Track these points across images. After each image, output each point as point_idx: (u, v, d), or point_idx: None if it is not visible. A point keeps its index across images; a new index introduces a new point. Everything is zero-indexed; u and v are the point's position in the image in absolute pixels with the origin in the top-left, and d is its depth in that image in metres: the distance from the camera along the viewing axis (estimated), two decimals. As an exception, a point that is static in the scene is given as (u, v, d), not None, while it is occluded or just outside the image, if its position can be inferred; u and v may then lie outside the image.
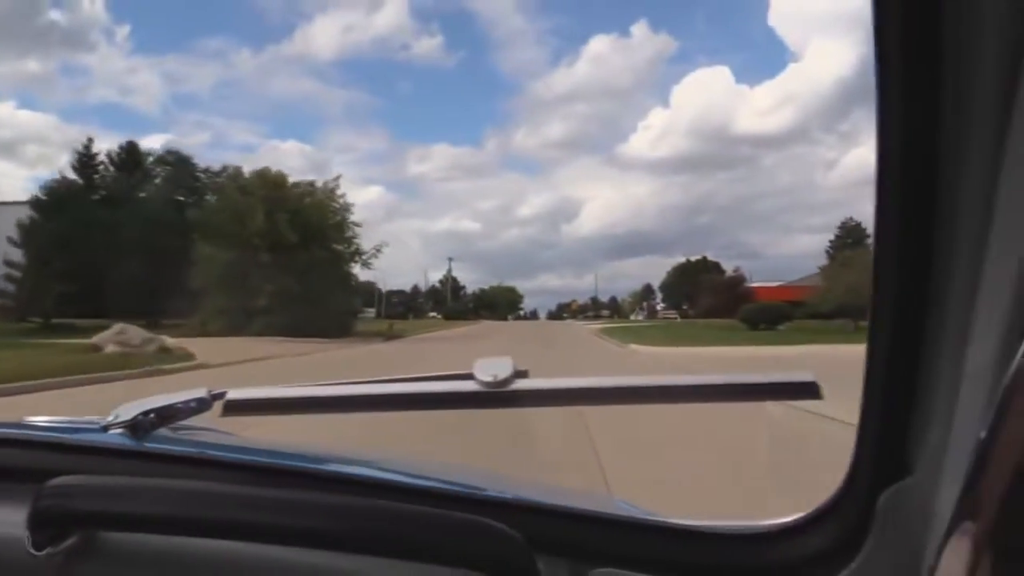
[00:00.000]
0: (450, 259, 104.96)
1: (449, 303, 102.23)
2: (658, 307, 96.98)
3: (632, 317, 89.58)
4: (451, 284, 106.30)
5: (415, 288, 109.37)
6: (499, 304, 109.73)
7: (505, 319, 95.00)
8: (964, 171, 0.63)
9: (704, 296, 74.97)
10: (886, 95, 0.66)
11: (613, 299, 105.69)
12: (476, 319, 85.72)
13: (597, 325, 58.65)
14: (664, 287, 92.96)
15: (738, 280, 75.66)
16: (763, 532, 0.87)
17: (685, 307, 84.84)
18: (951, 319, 0.67)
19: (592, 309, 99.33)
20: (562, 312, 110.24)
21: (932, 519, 0.69)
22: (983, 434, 0.51)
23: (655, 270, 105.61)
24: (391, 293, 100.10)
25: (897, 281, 0.72)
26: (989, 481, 0.51)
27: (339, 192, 38.89)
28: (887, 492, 0.76)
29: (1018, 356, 0.48)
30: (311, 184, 38.99)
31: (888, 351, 0.74)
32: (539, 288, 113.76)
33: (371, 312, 71.73)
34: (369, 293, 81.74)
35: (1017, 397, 0.48)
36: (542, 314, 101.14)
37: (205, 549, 0.78)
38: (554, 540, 0.85)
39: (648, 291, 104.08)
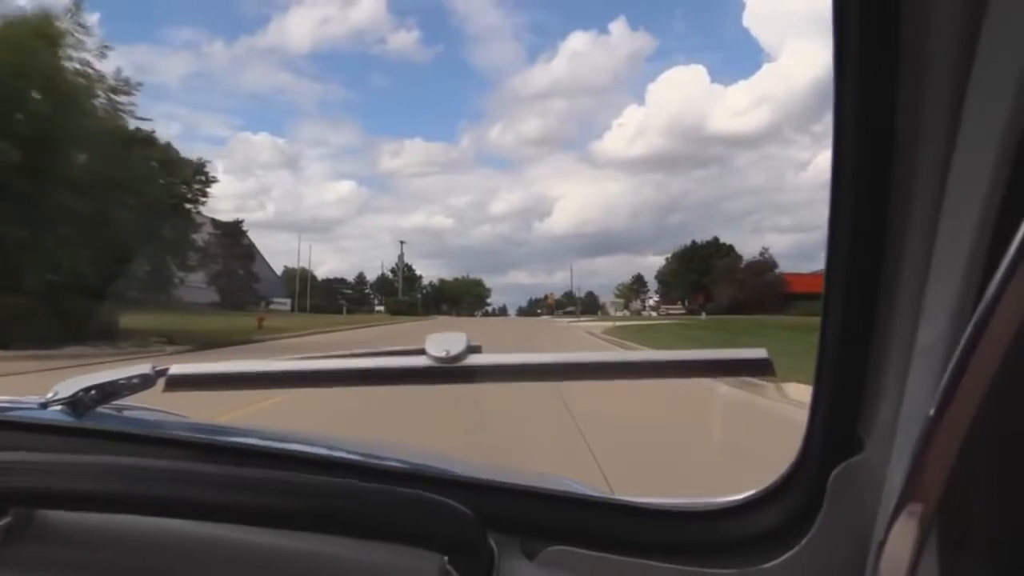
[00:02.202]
0: (401, 242, 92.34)
1: (400, 295, 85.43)
2: (649, 301, 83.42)
3: (615, 313, 77.32)
4: (403, 273, 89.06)
5: (360, 277, 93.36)
6: (463, 298, 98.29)
7: (472, 315, 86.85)
8: (916, 159, 0.65)
9: (723, 287, 58.30)
10: (842, 87, 0.68)
11: (591, 294, 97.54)
12: (427, 315, 71.35)
13: (591, 323, 42.79)
14: (661, 277, 76.59)
15: (765, 266, 59.01)
16: (717, 509, 0.88)
17: (685, 301, 69.53)
18: (902, 301, 0.69)
19: (569, 304, 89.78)
20: (535, 308, 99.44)
21: (882, 494, 0.71)
22: (931, 412, 0.52)
23: (627, 268, 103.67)
24: (330, 282, 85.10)
25: (850, 263, 0.74)
26: (936, 458, 0.52)
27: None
28: (839, 468, 0.78)
29: (965, 336, 0.49)
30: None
31: (840, 331, 0.76)
32: (510, 285, 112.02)
33: (284, 303, 54.77)
34: (288, 279, 65.86)
35: (964, 377, 0.49)
36: (512, 310, 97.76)
37: (147, 527, 0.77)
38: (507, 518, 0.85)
39: (640, 283, 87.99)
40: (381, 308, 79.35)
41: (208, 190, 26.87)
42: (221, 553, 0.77)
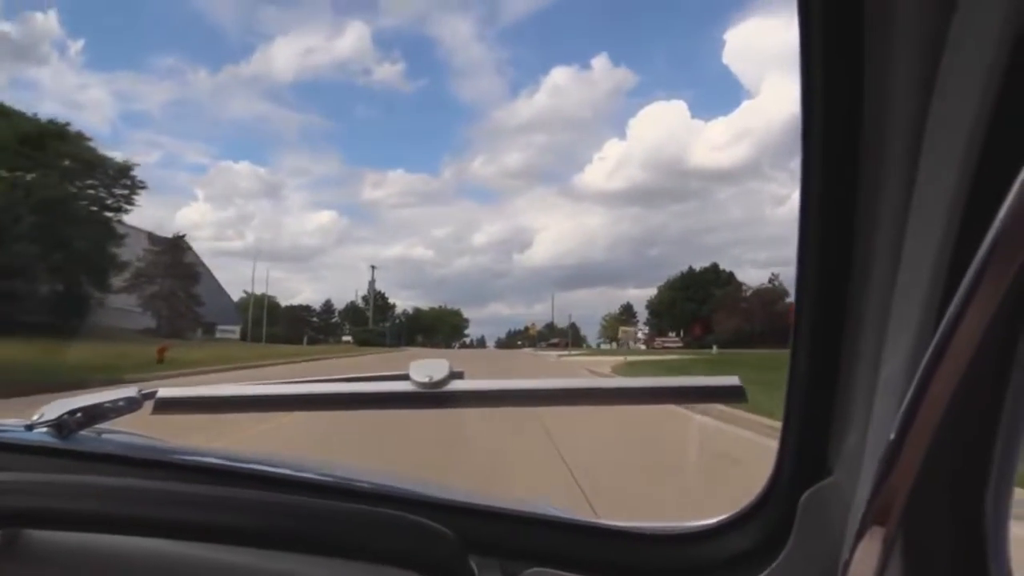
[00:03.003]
0: (372, 267, 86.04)
1: (371, 324, 79.02)
2: (639, 333, 77.87)
3: (601, 347, 72.22)
4: (373, 301, 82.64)
5: (327, 305, 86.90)
6: (439, 328, 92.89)
7: (449, 346, 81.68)
8: (881, 191, 0.68)
9: (727, 317, 52.41)
10: (810, 130, 0.71)
11: (573, 326, 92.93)
12: (398, 346, 65.14)
13: (586, 358, 36.51)
14: (653, 307, 70.80)
15: (776, 294, 53.21)
16: (691, 533, 0.90)
17: (680, 332, 63.80)
18: (868, 330, 0.72)
19: (548, 337, 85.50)
20: (515, 339, 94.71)
21: (850, 518, 0.72)
22: (892, 436, 0.54)
23: (606, 301, 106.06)
24: (294, 309, 78.48)
25: (818, 295, 0.76)
26: (897, 479, 0.54)
27: None
28: (808, 492, 0.80)
29: (923, 364, 0.51)
30: None
31: (810, 359, 0.79)
32: (489, 317, 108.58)
33: (232, 331, 48.23)
34: (245, 306, 59.43)
35: (923, 402, 0.51)
36: (490, 342, 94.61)
37: (132, 547, 0.77)
38: (487, 540, 0.86)
39: (628, 313, 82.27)
40: (349, 338, 74.75)
41: (135, 196, 20.44)
42: (204, 573, 0.78)
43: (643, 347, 70.79)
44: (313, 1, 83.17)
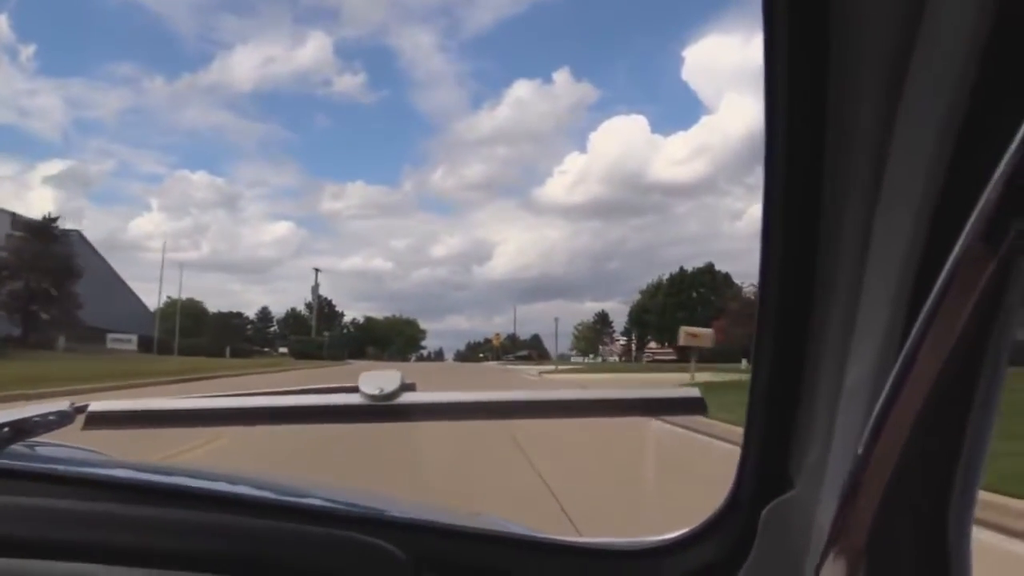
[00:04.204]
0: (316, 270, 76.68)
1: (315, 334, 69.59)
2: (616, 342, 70.04)
3: (571, 359, 64.71)
4: (318, 308, 73.16)
5: (263, 312, 77.31)
6: (394, 339, 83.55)
7: (405, 359, 75.91)
8: (845, 202, 0.68)
9: (732, 325, 44.24)
10: (773, 139, 0.70)
11: (536, 337, 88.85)
12: (341, 359, 56.29)
13: (583, 375, 27.68)
14: (635, 315, 62.64)
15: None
16: (650, 548, 0.89)
17: (662, 344, 55.87)
18: (831, 342, 0.71)
19: (512, 349, 79.26)
20: (476, 352, 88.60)
21: (812, 532, 0.72)
22: (860, 450, 0.54)
23: (563, 313, 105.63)
24: (224, 317, 68.68)
25: (780, 304, 0.75)
26: (864, 496, 0.55)
27: None
28: (769, 506, 0.78)
29: (891, 377, 0.51)
30: None
31: (772, 370, 0.78)
32: (447, 329, 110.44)
33: (128, 340, 38.68)
34: (168, 313, 50.00)
35: (890, 418, 0.52)
36: (449, 354, 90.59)
37: (63, 572, 0.72)
38: (440, 559, 0.84)
39: (603, 322, 74.17)
40: (283, 350, 65.73)
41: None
42: None
43: (617, 359, 62.93)
44: (274, 10, 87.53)
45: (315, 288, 74.12)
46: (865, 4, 0.62)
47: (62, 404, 0.93)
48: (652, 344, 59.98)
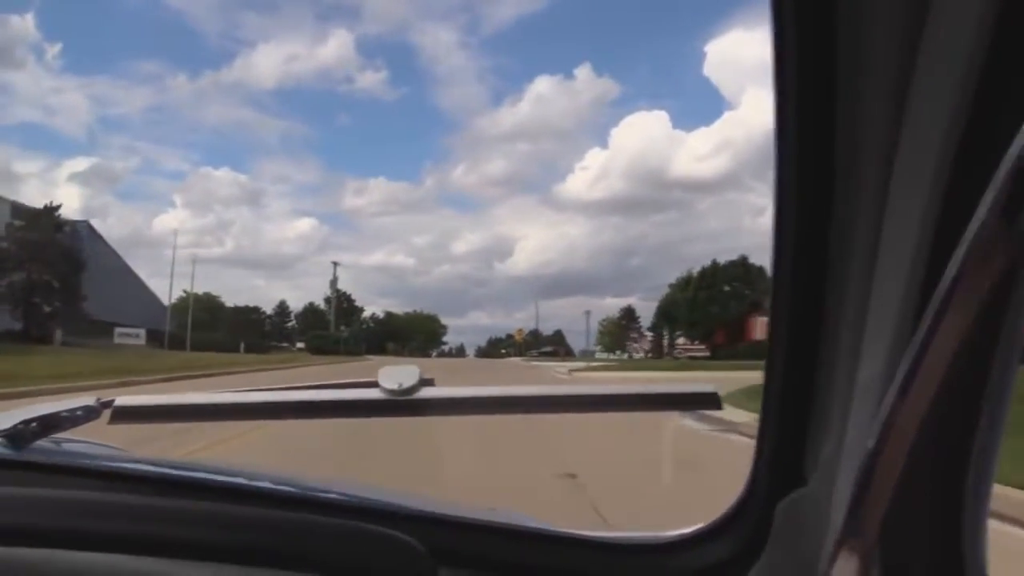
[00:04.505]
0: (335, 263, 74.02)
1: (333, 329, 67.87)
2: (644, 338, 67.74)
3: (596, 355, 62.64)
4: (336, 303, 71.43)
5: (281, 307, 75.71)
6: (414, 335, 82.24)
7: (426, 355, 74.36)
8: (856, 199, 0.68)
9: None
10: (784, 131, 0.71)
11: (559, 332, 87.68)
12: (359, 355, 54.46)
13: (620, 374, 25.35)
14: (664, 310, 60.23)
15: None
16: (666, 542, 0.90)
17: (693, 340, 53.54)
18: (844, 335, 0.72)
19: (535, 345, 77.39)
20: (498, 347, 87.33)
21: (826, 527, 0.72)
22: (871, 444, 0.54)
23: (585, 309, 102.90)
24: (241, 311, 67.19)
25: (793, 301, 0.76)
26: (876, 490, 0.54)
27: None
28: (783, 502, 0.79)
29: (900, 373, 0.51)
30: None
31: (785, 367, 0.79)
32: (468, 325, 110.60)
33: (136, 334, 36.94)
34: (183, 308, 48.49)
35: (900, 412, 0.51)
36: (470, 350, 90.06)
37: (91, 563, 0.74)
38: (457, 552, 0.85)
39: (629, 317, 71.81)
40: (300, 345, 64.14)
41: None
42: None
43: (643, 356, 60.67)
44: (296, 8, 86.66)
45: (333, 282, 72.42)
46: (871, 6, 0.62)
47: (88, 399, 0.95)
48: (681, 340, 57.60)
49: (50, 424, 0.93)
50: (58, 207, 35.42)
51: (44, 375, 15.22)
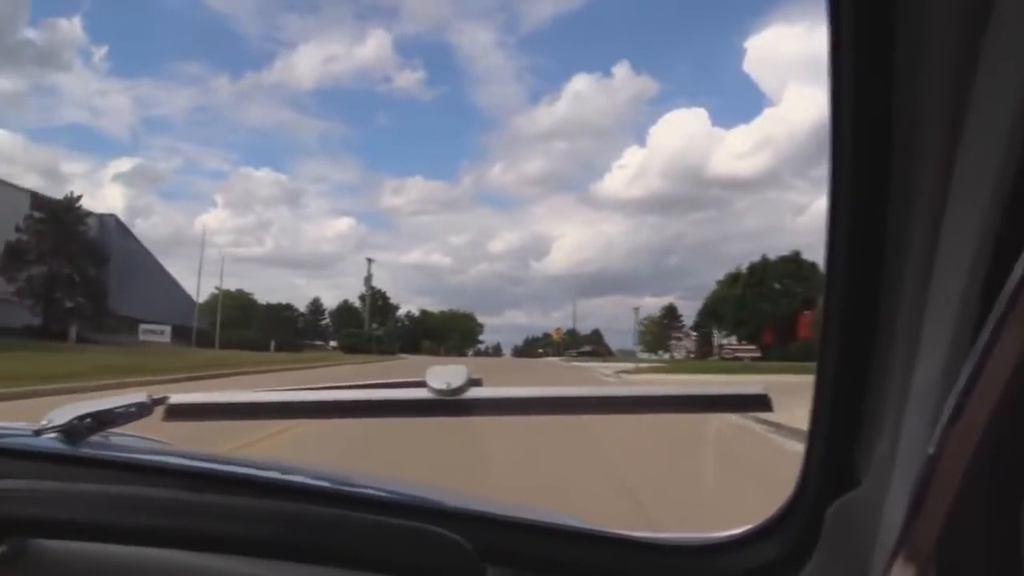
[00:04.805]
0: (369, 260, 72.40)
1: (368, 328, 66.41)
2: (689, 337, 65.16)
3: (637, 355, 60.39)
4: (370, 300, 69.96)
5: (315, 304, 74.54)
6: (450, 334, 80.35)
7: (463, 353, 73.31)
8: (914, 195, 0.67)
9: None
10: (839, 126, 0.70)
11: (596, 332, 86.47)
12: (391, 354, 52.88)
13: (679, 376, 23.05)
14: (710, 308, 57.66)
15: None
16: (713, 544, 0.89)
17: (740, 340, 50.85)
18: (899, 335, 0.70)
19: (572, 344, 74.97)
20: (535, 347, 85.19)
21: (879, 532, 0.71)
22: (931, 450, 0.52)
23: (623, 309, 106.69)
24: (274, 309, 66.07)
25: (847, 297, 0.75)
26: (933, 497, 0.53)
27: None
28: (835, 504, 0.77)
29: (961, 378, 0.50)
30: None
31: (837, 365, 0.77)
32: (505, 324, 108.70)
33: (160, 331, 35.65)
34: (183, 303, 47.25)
35: (963, 416, 0.50)
36: (507, 349, 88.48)
37: (142, 557, 0.76)
38: (504, 551, 0.85)
39: (671, 316, 69.29)
40: (333, 343, 62.90)
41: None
42: None
43: (686, 356, 58.17)
44: (335, 9, 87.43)
45: (368, 279, 70.87)
46: (931, 4, 0.62)
47: (139, 396, 0.96)
48: (731, 339, 54.98)
49: (104, 420, 0.95)
50: (79, 198, 34.34)
51: (29, 375, 13.54)
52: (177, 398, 0.94)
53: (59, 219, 32.04)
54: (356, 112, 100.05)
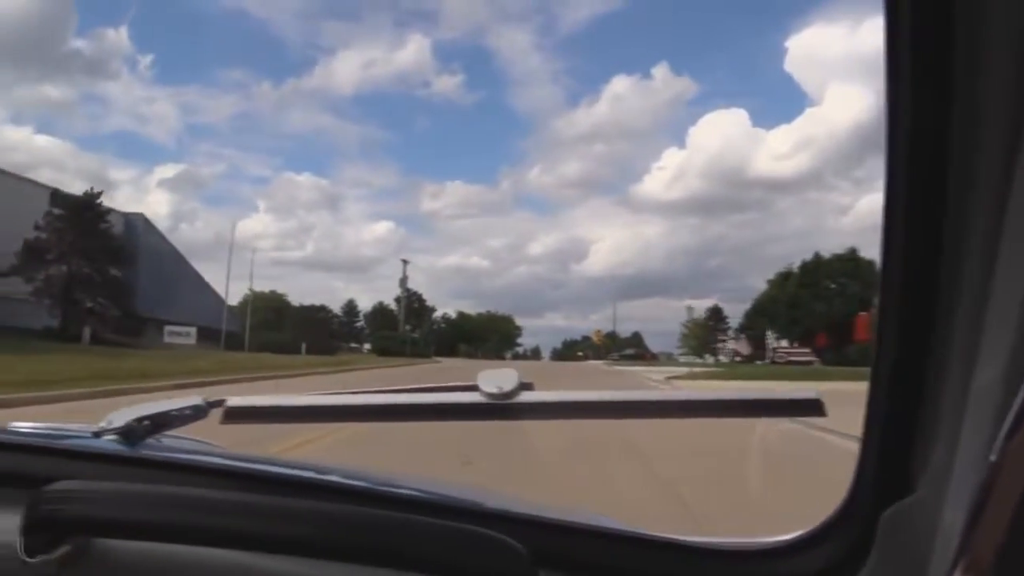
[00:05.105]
0: (404, 261, 71.13)
1: (403, 330, 64.90)
2: (731, 343, 62.44)
3: (680, 359, 57.95)
4: (405, 302, 68.44)
5: (349, 305, 73.29)
6: (488, 336, 79.73)
7: (502, 357, 71.65)
8: (971, 193, 0.66)
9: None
10: (896, 124, 0.69)
11: (637, 334, 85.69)
12: (427, 357, 51.17)
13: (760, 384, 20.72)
14: (760, 308, 54.95)
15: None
16: (765, 549, 0.88)
17: (791, 343, 48.17)
18: (958, 337, 0.68)
19: (613, 347, 73.98)
20: (575, 350, 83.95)
21: (936, 539, 0.68)
22: (993, 456, 0.52)
23: (661, 312, 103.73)
24: (307, 310, 64.79)
25: (903, 298, 0.73)
26: (996, 505, 0.52)
27: None
28: (890, 510, 0.75)
29: None
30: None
31: (893, 367, 0.75)
32: (543, 327, 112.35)
33: (186, 333, 34.33)
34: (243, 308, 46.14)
35: None
36: (545, 352, 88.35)
37: (201, 558, 0.78)
38: (558, 554, 0.85)
39: (717, 317, 66.56)
40: (367, 346, 61.43)
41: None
42: None
43: (732, 360, 55.56)
44: (374, 14, 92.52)
45: (403, 280, 69.53)
46: (990, 2, 0.61)
47: (196, 399, 1.00)
48: (782, 342, 52.28)
49: (162, 422, 0.99)
50: (99, 194, 33.12)
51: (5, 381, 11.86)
52: (234, 401, 0.96)
53: (80, 217, 30.78)
54: (395, 117, 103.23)
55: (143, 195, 73.06)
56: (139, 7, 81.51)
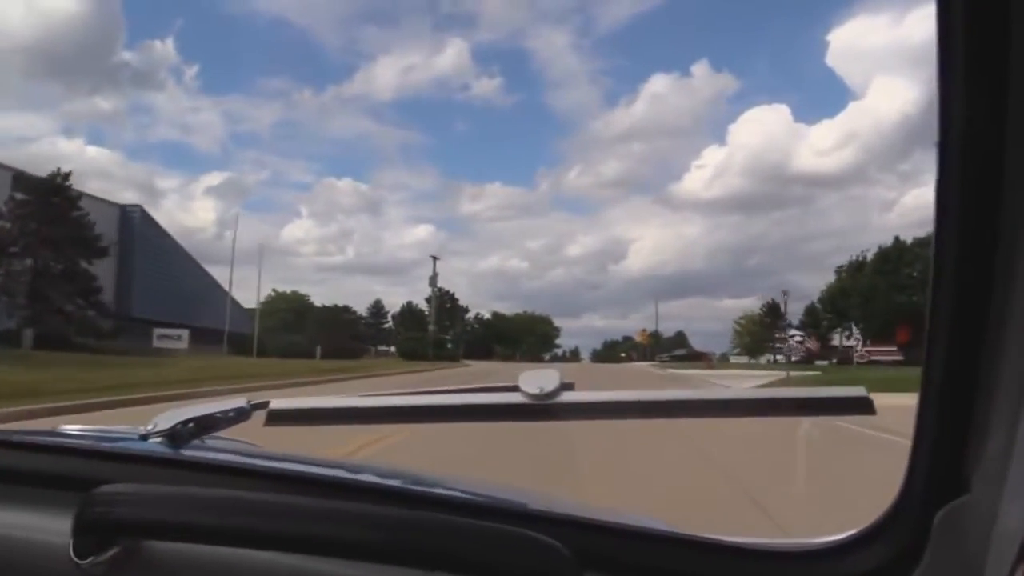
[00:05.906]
0: (434, 258, 66.17)
1: (432, 330, 60.40)
2: (793, 340, 56.97)
3: (733, 359, 52.70)
4: (436, 302, 63.94)
5: (375, 306, 69.14)
6: (524, 338, 75.43)
7: (539, 359, 68.00)
8: None
9: None
10: (948, 115, 0.68)
11: (680, 334, 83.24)
12: (456, 359, 46.59)
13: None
14: (829, 300, 49.38)
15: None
16: (814, 550, 0.87)
17: (866, 341, 42.64)
18: (1012, 333, 0.67)
19: (656, 347, 70.28)
20: (616, 351, 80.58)
21: (991, 540, 0.68)
22: None
23: (702, 312, 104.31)
24: (328, 311, 60.64)
25: (956, 292, 0.72)
26: None
27: None
28: (944, 510, 0.74)
29: None
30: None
31: (946, 363, 0.74)
32: (582, 328, 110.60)
33: (177, 336, 30.02)
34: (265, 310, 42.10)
35: None
36: (584, 353, 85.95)
37: (249, 560, 0.78)
38: (601, 555, 0.84)
39: (774, 313, 60.99)
40: (392, 349, 57.15)
41: None
42: None
43: (795, 359, 50.13)
44: (413, 20, 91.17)
45: (433, 278, 64.69)
46: None
47: (239, 401, 1.02)
48: (851, 339, 46.68)
49: (206, 425, 1.01)
50: (68, 174, 28.74)
51: None
52: (277, 403, 0.97)
53: (46, 202, 26.69)
54: (435, 120, 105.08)
55: (189, 202, 74.13)
56: (184, 19, 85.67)
